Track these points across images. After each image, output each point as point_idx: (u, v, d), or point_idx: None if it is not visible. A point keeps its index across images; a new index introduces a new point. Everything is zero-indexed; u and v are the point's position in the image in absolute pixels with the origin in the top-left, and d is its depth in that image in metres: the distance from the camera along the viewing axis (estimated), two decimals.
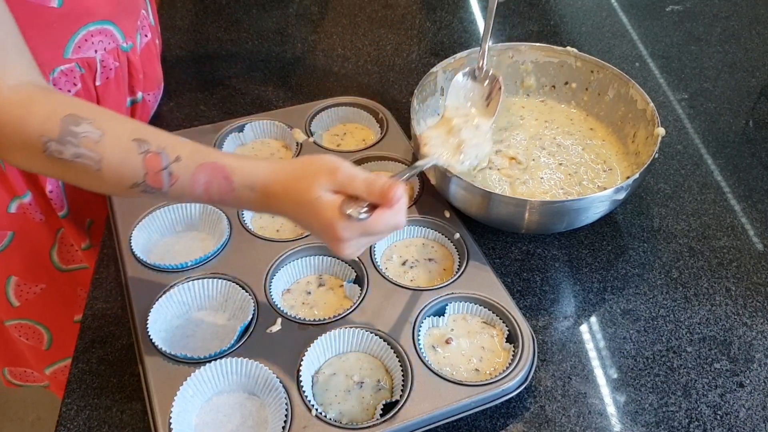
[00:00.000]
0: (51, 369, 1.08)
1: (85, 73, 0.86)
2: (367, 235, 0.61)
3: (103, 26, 0.85)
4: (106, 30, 0.85)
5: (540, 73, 1.01)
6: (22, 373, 1.13)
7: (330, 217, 0.59)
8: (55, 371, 1.09)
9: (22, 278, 0.94)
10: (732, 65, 1.19)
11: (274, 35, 1.25)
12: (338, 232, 0.59)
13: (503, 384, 0.68)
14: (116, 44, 0.88)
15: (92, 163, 0.60)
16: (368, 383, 0.69)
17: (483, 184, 0.87)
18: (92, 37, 0.84)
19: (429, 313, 0.75)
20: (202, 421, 0.66)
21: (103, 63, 0.87)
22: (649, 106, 0.88)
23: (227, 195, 0.62)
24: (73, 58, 0.83)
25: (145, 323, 0.71)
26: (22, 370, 1.12)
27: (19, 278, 0.94)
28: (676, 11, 1.34)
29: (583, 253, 0.86)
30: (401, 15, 1.31)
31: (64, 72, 0.84)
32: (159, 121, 1.05)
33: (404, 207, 0.61)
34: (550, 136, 0.96)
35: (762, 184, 0.96)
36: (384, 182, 0.60)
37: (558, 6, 1.36)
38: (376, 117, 1.01)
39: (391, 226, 0.61)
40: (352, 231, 0.60)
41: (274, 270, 0.79)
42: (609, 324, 0.78)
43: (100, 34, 0.85)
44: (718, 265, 0.85)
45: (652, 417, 0.70)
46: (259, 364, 0.68)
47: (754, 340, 0.77)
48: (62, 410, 0.69)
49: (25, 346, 1.04)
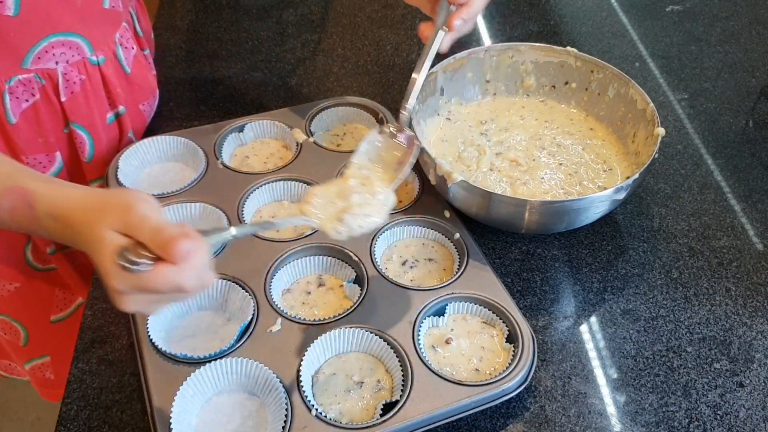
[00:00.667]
0: (30, 365, 1.08)
1: (46, 85, 0.83)
2: (144, 291, 0.52)
3: (68, 38, 0.82)
4: (71, 42, 0.83)
5: (540, 73, 1.01)
6: (7, 366, 1.13)
7: (105, 261, 0.52)
8: (33, 368, 1.09)
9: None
10: (732, 65, 1.19)
11: (274, 35, 1.25)
12: (110, 280, 0.52)
13: (503, 384, 0.68)
14: (82, 57, 0.85)
15: None
16: (368, 383, 0.69)
17: (483, 184, 0.87)
18: (54, 48, 0.81)
19: (429, 313, 0.75)
20: (202, 421, 0.66)
21: (65, 76, 0.84)
22: (649, 106, 0.88)
23: (32, 224, 0.57)
24: (32, 68, 0.81)
25: (145, 323, 0.71)
26: (6, 362, 1.13)
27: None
28: (676, 11, 1.34)
29: (583, 253, 0.86)
30: (401, 15, 1.31)
31: (21, 81, 0.81)
32: (159, 121, 1.05)
33: (193, 267, 0.52)
34: (550, 136, 0.96)
35: (762, 184, 0.96)
36: (173, 233, 0.51)
37: (558, 6, 1.36)
38: (376, 117, 1.01)
39: (172, 285, 0.52)
40: (126, 283, 0.52)
41: (274, 270, 0.79)
42: (609, 324, 0.78)
43: (63, 45, 0.82)
44: (718, 265, 0.85)
45: (652, 417, 0.70)
46: (259, 364, 0.68)
47: (754, 340, 0.77)
48: (62, 410, 0.69)
49: (3, 340, 1.05)
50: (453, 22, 0.76)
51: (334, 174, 0.91)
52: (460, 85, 0.99)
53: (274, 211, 0.89)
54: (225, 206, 0.86)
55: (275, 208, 0.89)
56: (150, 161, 0.93)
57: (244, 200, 0.87)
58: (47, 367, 1.08)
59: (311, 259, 0.80)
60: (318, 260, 0.81)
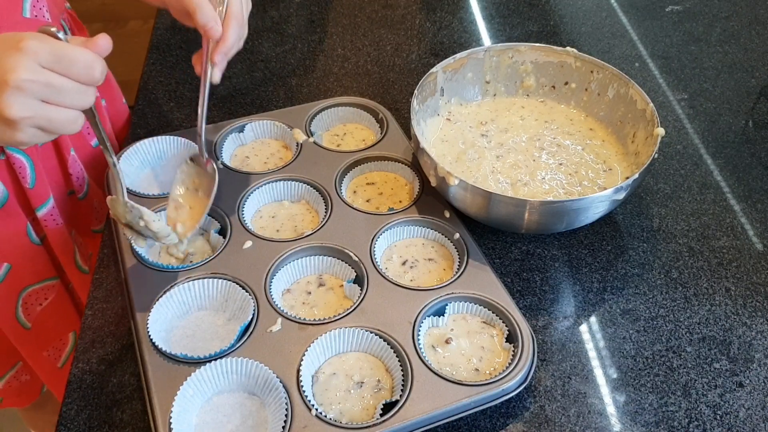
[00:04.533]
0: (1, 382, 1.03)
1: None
2: (58, 62, 0.54)
3: None
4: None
5: (540, 73, 1.01)
6: None
7: (22, 40, 0.52)
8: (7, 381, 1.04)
9: None
10: (732, 65, 1.19)
11: (274, 35, 1.25)
12: (21, 60, 0.52)
13: (503, 384, 0.68)
14: None
15: None
16: (368, 383, 0.69)
17: (483, 184, 0.87)
18: None
19: (429, 313, 0.75)
20: (202, 421, 0.66)
21: None
22: (648, 106, 0.88)
23: None
24: None
25: (145, 323, 0.71)
26: None
27: None
28: (675, 11, 1.34)
29: (582, 253, 0.86)
30: (401, 15, 1.31)
31: None
32: (159, 121, 1.05)
33: (100, 45, 0.57)
34: (550, 137, 0.96)
35: (762, 184, 0.96)
36: None
37: (558, 6, 1.36)
38: (376, 117, 1.01)
39: (87, 60, 0.56)
40: (43, 53, 0.53)
41: (274, 270, 0.79)
42: (609, 324, 0.78)
43: None
44: (717, 265, 0.85)
45: (652, 417, 0.70)
46: (259, 363, 0.68)
47: (753, 340, 0.77)
48: (62, 410, 0.69)
49: None
50: (215, 58, 0.80)
51: (334, 174, 0.91)
52: (460, 85, 0.99)
53: (274, 211, 0.89)
54: (225, 206, 0.86)
55: (275, 208, 0.89)
56: (150, 161, 0.93)
57: (244, 200, 0.87)
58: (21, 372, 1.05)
59: (311, 259, 0.80)
60: (318, 260, 0.81)
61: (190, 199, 0.82)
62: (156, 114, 1.06)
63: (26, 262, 0.92)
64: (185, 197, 0.82)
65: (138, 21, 2.45)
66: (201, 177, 0.83)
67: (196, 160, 0.84)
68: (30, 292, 0.95)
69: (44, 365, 1.00)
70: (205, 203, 0.80)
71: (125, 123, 1.10)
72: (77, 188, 0.97)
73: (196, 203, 0.82)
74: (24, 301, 0.94)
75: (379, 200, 0.90)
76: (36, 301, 0.96)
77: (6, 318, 0.93)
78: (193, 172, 0.84)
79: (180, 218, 0.81)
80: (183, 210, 0.81)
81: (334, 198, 0.88)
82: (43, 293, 0.97)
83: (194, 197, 0.82)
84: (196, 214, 0.81)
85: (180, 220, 0.80)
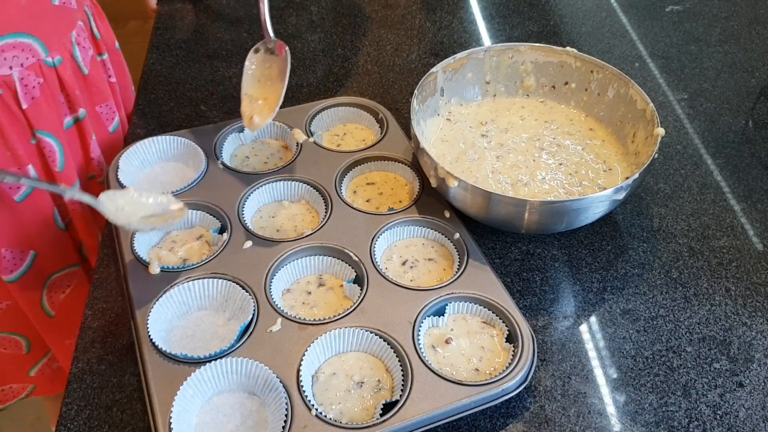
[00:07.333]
0: (35, 369, 1.08)
1: (4, 94, 0.79)
2: None
3: (18, 39, 0.78)
4: (23, 44, 0.79)
5: (540, 73, 1.01)
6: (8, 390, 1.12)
7: None
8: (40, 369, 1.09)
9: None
10: (732, 65, 1.19)
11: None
12: None
13: (503, 384, 0.68)
14: (37, 59, 0.81)
15: None
16: (368, 383, 0.69)
17: (484, 184, 0.87)
18: (4, 52, 0.77)
19: (429, 313, 0.75)
20: (202, 421, 0.66)
21: (23, 81, 0.80)
22: (648, 106, 0.88)
23: None
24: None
25: (145, 323, 0.71)
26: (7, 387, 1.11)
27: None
28: (675, 11, 1.34)
29: (582, 253, 0.86)
30: (401, 15, 1.31)
31: None
32: (159, 121, 1.05)
33: None
34: (550, 137, 0.96)
35: (762, 184, 0.96)
36: None
37: (558, 6, 1.36)
38: (376, 117, 1.01)
39: None
40: None
41: (274, 270, 0.79)
42: (609, 324, 0.78)
43: (14, 48, 0.78)
44: (717, 265, 0.85)
45: (652, 417, 0.70)
46: (259, 363, 0.68)
47: (753, 340, 0.77)
48: (62, 410, 0.69)
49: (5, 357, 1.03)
50: None
51: (334, 174, 0.91)
52: (460, 85, 0.99)
53: (274, 211, 0.89)
54: (225, 206, 0.86)
55: (275, 208, 0.89)
56: (150, 161, 0.93)
57: (244, 200, 0.87)
58: (53, 360, 1.09)
59: (311, 259, 0.80)
60: (318, 260, 0.81)
61: (263, 90, 0.82)
62: (156, 114, 1.06)
63: (51, 248, 0.95)
64: (257, 90, 0.81)
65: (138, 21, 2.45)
66: (269, 64, 0.82)
67: (261, 49, 0.83)
68: (54, 279, 0.98)
69: (67, 354, 1.03)
70: (279, 90, 0.80)
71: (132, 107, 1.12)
72: (98, 173, 0.99)
73: (269, 93, 0.81)
74: (48, 288, 0.97)
75: (379, 200, 0.90)
76: (59, 289, 0.99)
77: (32, 306, 0.96)
78: (260, 61, 0.83)
79: (255, 111, 0.80)
80: (257, 103, 0.80)
81: (334, 198, 0.88)
82: (66, 280, 0.99)
83: (266, 87, 0.82)
84: (270, 102, 0.80)
85: (255, 112, 0.80)
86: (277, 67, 0.80)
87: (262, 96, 0.80)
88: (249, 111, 0.79)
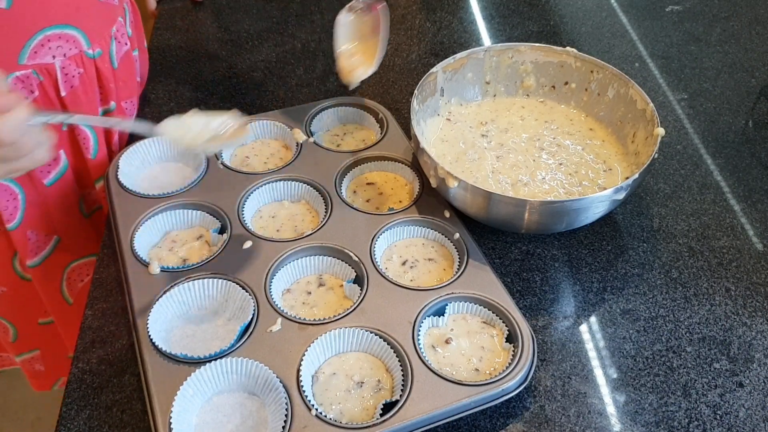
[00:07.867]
0: (20, 358, 1.09)
1: (45, 81, 0.82)
2: None
3: (63, 30, 0.81)
4: (67, 35, 0.81)
5: (540, 73, 1.01)
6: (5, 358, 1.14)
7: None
8: (23, 361, 1.10)
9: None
10: (732, 65, 1.19)
11: (274, 35, 1.25)
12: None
13: (503, 384, 0.68)
14: (79, 50, 0.84)
15: None
16: (368, 383, 0.69)
17: (484, 185, 0.87)
18: (50, 41, 0.80)
19: (429, 313, 0.75)
20: (202, 421, 0.66)
21: (64, 70, 0.83)
22: (648, 106, 0.88)
23: None
24: (29, 64, 0.80)
25: (145, 323, 0.71)
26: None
27: None
28: (675, 11, 1.34)
29: (582, 253, 0.86)
30: (401, 15, 1.31)
31: (19, 78, 0.80)
32: (159, 121, 1.05)
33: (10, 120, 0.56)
34: (550, 137, 0.96)
35: (762, 184, 0.96)
36: None
37: (558, 6, 1.36)
38: (376, 117, 1.01)
39: None
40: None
41: (274, 270, 0.79)
42: (609, 324, 0.78)
43: (59, 38, 0.80)
44: (717, 265, 0.85)
45: (652, 417, 0.70)
46: (259, 363, 0.68)
47: (753, 340, 0.77)
48: (62, 410, 0.69)
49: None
50: None
51: (334, 174, 0.91)
52: (460, 85, 0.99)
53: (274, 211, 0.89)
54: (225, 206, 0.86)
55: (275, 208, 0.89)
56: (150, 161, 0.93)
57: (244, 200, 0.87)
58: (37, 360, 1.09)
59: (311, 259, 0.80)
60: (318, 260, 0.81)
61: (360, 47, 0.84)
62: (156, 114, 1.06)
63: (74, 236, 0.97)
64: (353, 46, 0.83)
65: None
66: (362, 22, 0.84)
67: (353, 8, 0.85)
68: (74, 267, 1.00)
69: None
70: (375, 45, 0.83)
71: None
72: None
73: (366, 48, 0.84)
74: (68, 276, 0.99)
75: (379, 200, 0.90)
76: (78, 277, 1.01)
77: (51, 291, 0.98)
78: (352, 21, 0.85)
79: (355, 65, 0.82)
80: (356, 57, 0.82)
81: (334, 198, 0.88)
82: (85, 269, 1.01)
83: (362, 44, 0.84)
84: (369, 57, 0.83)
85: (355, 66, 0.81)
86: (371, 24, 0.83)
87: (360, 51, 0.82)
88: (348, 66, 0.80)
